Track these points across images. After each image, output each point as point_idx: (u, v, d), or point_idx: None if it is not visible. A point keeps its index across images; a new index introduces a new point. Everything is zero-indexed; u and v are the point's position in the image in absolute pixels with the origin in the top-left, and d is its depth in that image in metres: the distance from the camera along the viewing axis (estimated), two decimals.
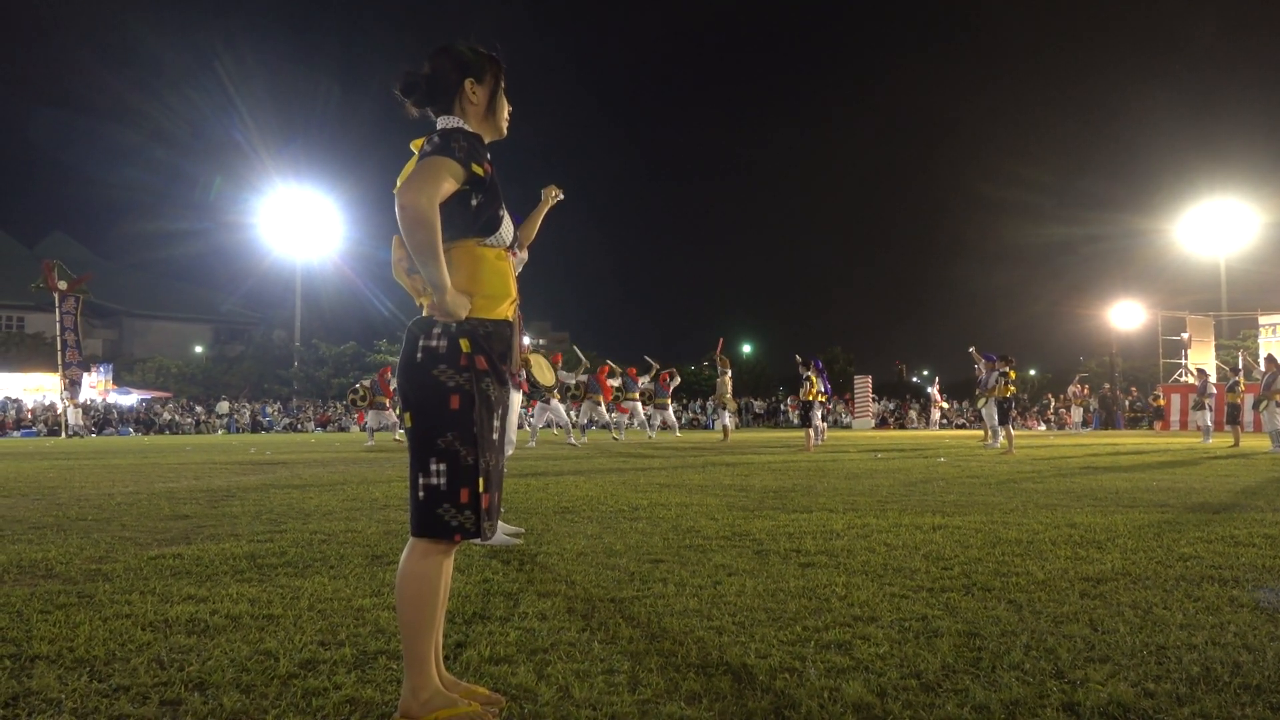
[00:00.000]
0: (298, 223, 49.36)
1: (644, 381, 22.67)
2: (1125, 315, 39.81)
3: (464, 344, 2.12)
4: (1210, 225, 41.64)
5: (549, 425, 19.32)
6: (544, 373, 5.62)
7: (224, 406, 39.26)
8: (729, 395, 20.56)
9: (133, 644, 2.72)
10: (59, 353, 31.55)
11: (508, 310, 2.25)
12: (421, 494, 2.11)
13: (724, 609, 3.14)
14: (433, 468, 2.10)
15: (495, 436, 2.19)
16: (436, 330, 2.13)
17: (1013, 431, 14.41)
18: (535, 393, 5.52)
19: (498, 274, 2.23)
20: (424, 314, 2.19)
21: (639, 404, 22.50)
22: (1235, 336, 39.13)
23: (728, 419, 20.62)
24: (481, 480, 2.12)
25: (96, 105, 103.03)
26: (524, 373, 5.42)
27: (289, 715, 2.15)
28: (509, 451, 4.98)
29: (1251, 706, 2.17)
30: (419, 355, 2.13)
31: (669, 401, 24.31)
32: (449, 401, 2.10)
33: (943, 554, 4.21)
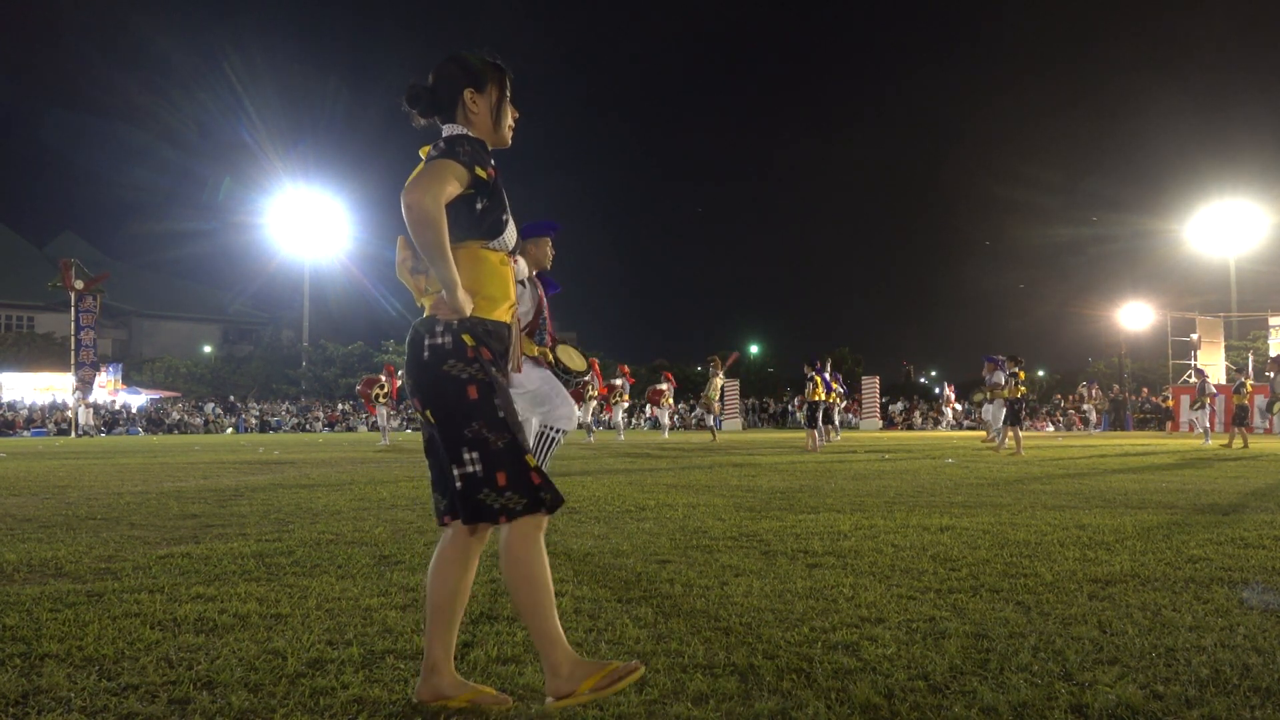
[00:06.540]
0: (306, 223, 49.56)
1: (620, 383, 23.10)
2: (1134, 316, 39.63)
3: (467, 338, 2.17)
4: (1220, 226, 41.45)
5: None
6: (574, 359, 5.55)
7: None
8: (711, 396, 20.73)
9: (141, 642, 2.73)
10: (72, 352, 31.71)
11: (506, 313, 2.30)
12: (459, 483, 2.14)
13: (731, 610, 3.14)
14: (465, 457, 2.13)
15: (520, 418, 2.25)
16: (439, 328, 2.18)
17: (1020, 433, 14.35)
18: (566, 380, 5.45)
19: (499, 277, 2.28)
20: (426, 314, 2.23)
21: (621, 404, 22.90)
22: (1245, 337, 38.94)
23: (710, 420, 20.86)
24: (527, 457, 2.16)
25: (106, 106, 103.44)
26: (555, 361, 5.38)
27: (296, 714, 2.16)
28: (575, 418, 5.05)
29: (1261, 709, 2.16)
30: (426, 354, 2.17)
31: (667, 402, 24.55)
32: (467, 393, 2.14)
33: (950, 555, 4.20)
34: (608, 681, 2.11)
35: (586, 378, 5.78)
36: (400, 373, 19.32)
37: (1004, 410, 15.00)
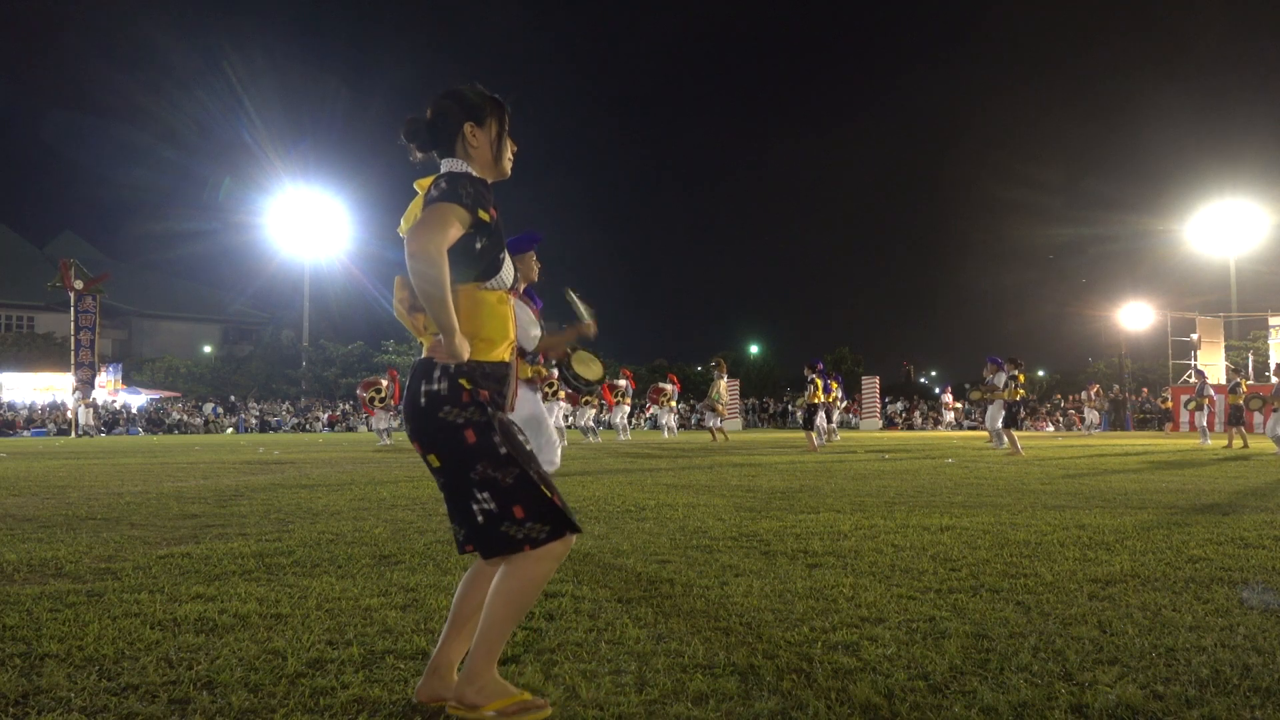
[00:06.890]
0: (306, 223, 49.54)
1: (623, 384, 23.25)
2: (1134, 316, 39.62)
3: (464, 383, 2.16)
4: (1220, 226, 41.43)
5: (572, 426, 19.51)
6: (590, 367, 5.47)
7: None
8: (714, 398, 20.84)
9: (141, 642, 2.73)
10: (72, 352, 31.70)
11: (505, 353, 2.29)
12: (480, 518, 2.14)
13: (731, 610, 3.14)
14: (479, 496, 2.14)
15: (529, 448, 2.24)
16: (436, 373, 2.16)
17: (1015, 434, 14.32)
18: (580, 388, 5.39)
19: (497, 317, 2.26)
20: (424, 354, 2.22)
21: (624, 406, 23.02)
22: (1245, 338, 38.94)
23: (710, 420, 20.97)
24: (542, 488, 2.16)
25: (107, 106, 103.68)
26: (571, 370, 5.34)
27: (296, 714, 2.16)
28: (557, 462, 5.01)
29: (1261, 709, 2.16)
30: (423, 400, 2.16)
31: (673, 404, 24.70)
32: (465, 438, 2.14)
33: (950, 555, 4.20)
34: (514, 709, 2.12)
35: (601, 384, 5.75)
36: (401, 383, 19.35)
37: (1002, 413, 14.99)
